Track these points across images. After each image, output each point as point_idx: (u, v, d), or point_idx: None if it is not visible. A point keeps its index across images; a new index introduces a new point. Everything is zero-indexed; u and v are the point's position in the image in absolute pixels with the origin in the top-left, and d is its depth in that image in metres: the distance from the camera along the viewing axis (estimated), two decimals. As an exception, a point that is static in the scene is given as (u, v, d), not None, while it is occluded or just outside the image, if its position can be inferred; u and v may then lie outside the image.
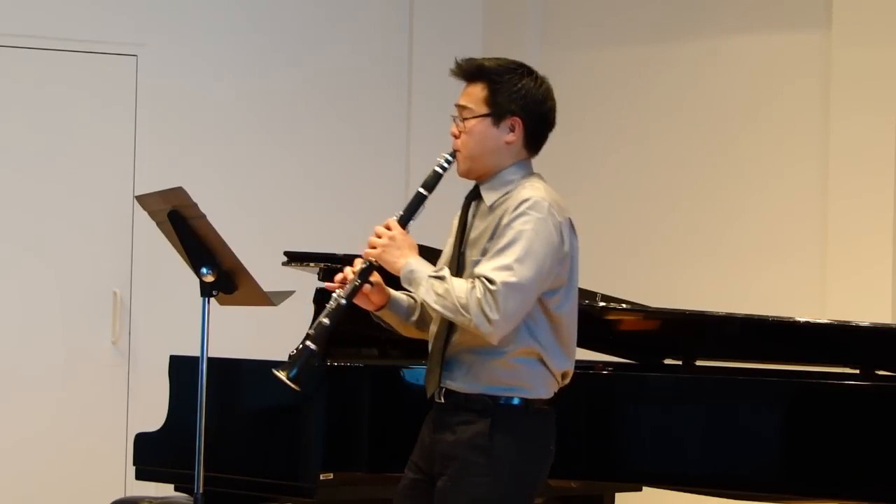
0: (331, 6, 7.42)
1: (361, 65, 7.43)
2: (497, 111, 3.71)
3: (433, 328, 3.76)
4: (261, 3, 7.29)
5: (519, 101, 3.71)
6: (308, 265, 5.01)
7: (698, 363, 5.20)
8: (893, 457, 4.38)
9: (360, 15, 7.46)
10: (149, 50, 7.01)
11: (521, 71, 3.75)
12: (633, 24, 7.16)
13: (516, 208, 3.61)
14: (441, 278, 3.59)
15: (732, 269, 6.72)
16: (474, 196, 3.78)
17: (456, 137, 3.77)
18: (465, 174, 3.77)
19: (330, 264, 4.88)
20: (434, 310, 3.62)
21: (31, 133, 6.83)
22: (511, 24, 7.48)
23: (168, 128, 7.04)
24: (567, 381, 3.75)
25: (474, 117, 3.73)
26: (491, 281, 3.53)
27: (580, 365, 5.24)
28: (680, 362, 5.23)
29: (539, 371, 3.67)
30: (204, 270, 4.40)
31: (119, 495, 6.02)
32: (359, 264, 3.71)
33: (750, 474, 4.55)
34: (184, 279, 4.91)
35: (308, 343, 3.67)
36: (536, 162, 3.82)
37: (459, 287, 3.56)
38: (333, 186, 7.31)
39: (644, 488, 5.13)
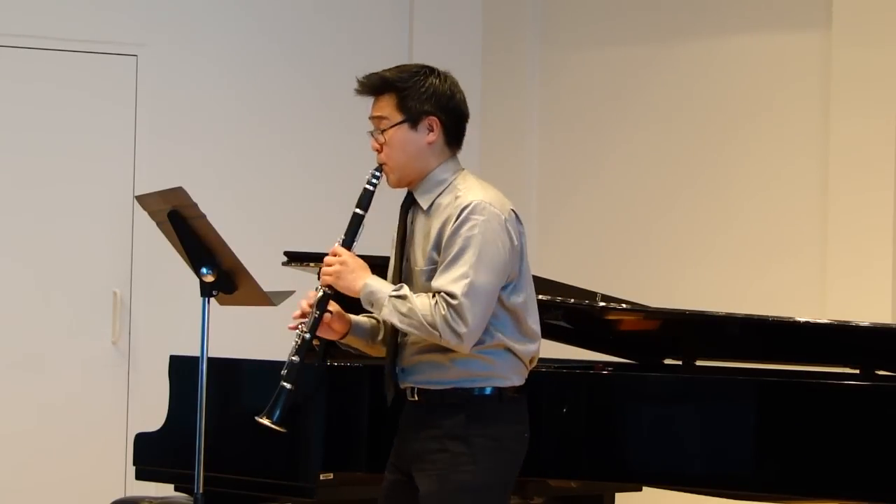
0: (331, 6, 7.42)
1: (361, 65, 7.32)
2: (411, 115, 3.79)
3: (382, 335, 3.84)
4: (261, 4, 7.29)
5: (430, 100, 3.78)
6: (308, 265, 5.01)
7: (698, 363, 5.20)
8: (893, 457, 4.37)
9: (360, 15, 7.46)
10: (149, 50, 7.01)
11: (424, 72, 3.84)
12: (633, 24, 7.16)
13: (458, 216, 3.66)
14: (402, 297, 3.65)
15: (732, 269, 6.72)
16: (410, 202, 3.84)
17: (378, 151, 3.85)
18: (397, 184, 3.85)
19: (330, 264, 4.87)
20: (400, 329, 3.67)
21: (31, 133, 6.83)
22: (511, 24, 7.48)
23: (168, 128, 7.04)
24: (534, 364, 3.82)
25: (392, 126, 3.81)
26: (452, 295, 3.59)
27: (580, 365, 5.28)
28: (680, 362, 5.23)
29: (509, 360, 3.73)
30: (204, 270, 4.39)
31: (119, 495, 6.02)
32: (314, 296, 3.77)
33: (750, 474, 4.54)
34: (184, 279, 4.91)
35: (284, 384, 3.75)
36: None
37: (422, 305, 3.62)
38: (333, 186, 7.29)
39: (644, 488, 5.13)
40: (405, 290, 3.67)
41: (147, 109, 6.98)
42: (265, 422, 3.72)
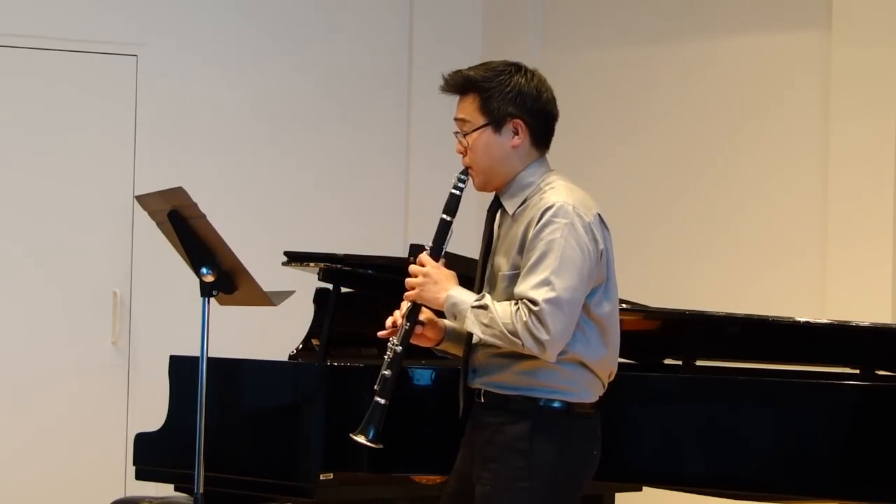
0: (331, 7, 7.42)
1: (361, 65, 7.43)
2: (495, 118, 3.65)
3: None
4: (261, 4, 7.29)
5: (514, 102, 3.64)
6: (308, 265, 5.01)
7: (698, 363, 5.20)
8: (893, 457, 4.38)
9: (360, 15, 7.46)
10: (149, 50, 7.01)
11: (509, 70, 3.69)
12: (633, 24, 7.17)
13: (541, 218, 3.54)
14: (484, 307, 3.53)
15: (732, 269, 6.72)
16: (496, 206, 3.72)
17: (462, 154, 3.70)
18: (483, 188, 3.71)
19: (330, 264, 4.88)
20: (483, 339, 3.55)
21: (32, 133, 6.83)
22: (511, 24, 7.48)
23: (168, 128, 7.04)
24: (612, 378, 3.71)
25: (475, 130, 3.66)
26: (534, 302, 3.46)
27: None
28: (680, 362, 5.23)
29: (581, 374, 3.62)
30: (204, 270, 4.39)
31: (119, 495, 6.02)
32: (405, 307, 3.67)
33: (750, 474, 4.54)
34: (184, 279, 4.92)
35: (377, 399, 3.66)
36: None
37: (504, 313, 3.49)
38: (333, 186, 7.31)
39: (644, 488, 5.13)
40: (487, 299, 3.54)
41: (147, 109, 6.98)
42: (361, 440, 3.65)
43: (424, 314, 3.68)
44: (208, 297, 4.42)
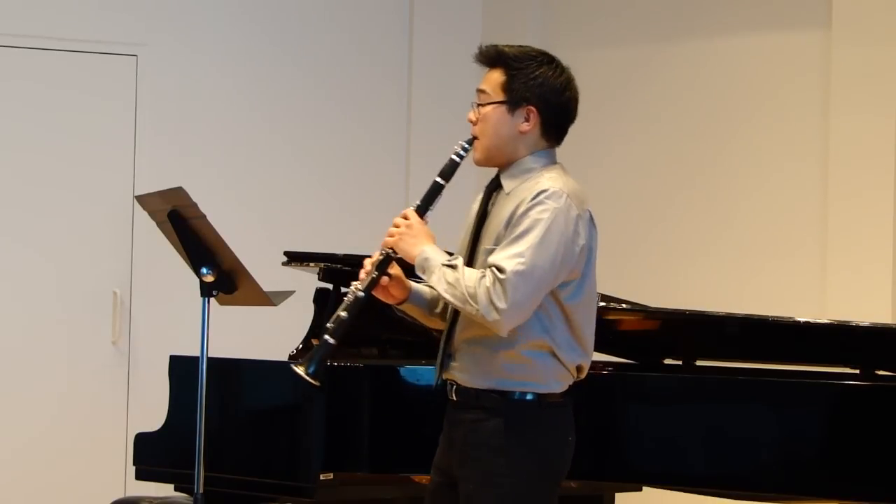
0: (331, 6, 7.42)
1: (361, 64, 7.43)
2: (513, 98, 3.67)
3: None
4: (261, 3, 7.29)
5: (536, 90, 3.66)
6: (308, 265, 5.01)
7: (698, 363, 5.20)
8: (893, 457, 4.38)
9: (360, 15, 7.46)
10: (149, 50, 7.01)
11: (542, 59, 3.70)
12: (633, 24, 7.17)
13: (534, 198, 3.56)
14: (453, 267, 3.56)
15: (732, 268, 6.72)
16: (495, 185, 3.73)
17: (473, 124, 3.72)
18: (481, 162, 3.73)
19: (330, 264, 4.88)
20: (444, 298, 3.58)
21: (32, 133, 6.83)
22: (511, 23, 7.47)
23: (168, 127, 7.04)
24: (583, 374, 3.71)
25: (490, 103, 3.68)
26: (501, 269, 3.49)
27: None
28: (680, 362, 5.23)
29: (551, 364, 3.62)
30: (204, 270, 4.39)
31: (119, 495, 6.02)
32: (377, 256, 3.68)
33: (750, 474, 4.54)
34: (184, 279, 4.91)
35: (326, 337, 3.62)
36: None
37: (470, 276, 3.52)
38: (333, 186, 7.31)
39: (644, 488, 5.13)
40: (458, 261, 3.57)
41: (147, 109, 6.98)
42: (299, 370, 3.59)
43: (394, 269, 3.69)
44: (208, 297, 4.42)
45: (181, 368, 5.00)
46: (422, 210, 3.69)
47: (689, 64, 6.96)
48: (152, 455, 5.05)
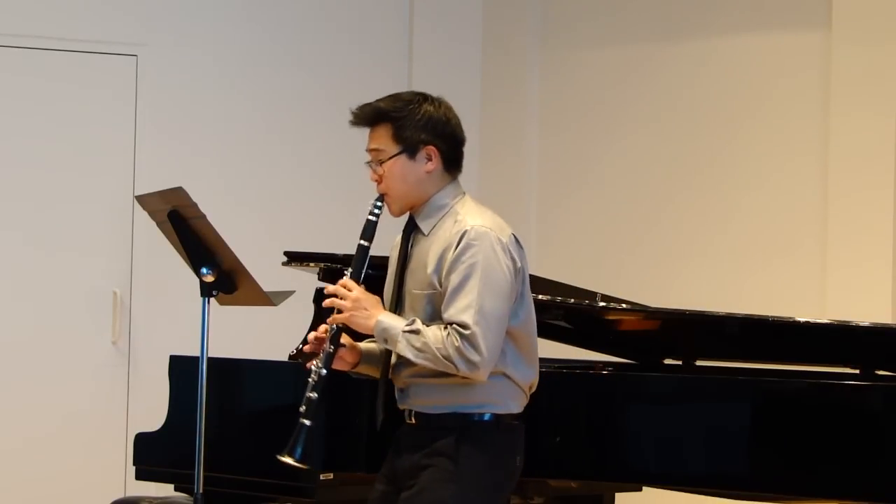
0: (331, 6, 7.42)
1: (361, 64, 7.43)
2: (408, 145, 3.77)
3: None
4: (261, 4, 7.29)
5: (426, 129, 3.76)
6: (308, 265, 5.01)
7: (698, 363, 5.20)
8: (893, 457, 4.37)
9: (360, 15, 7.46)
10: (149, 50, 7.01)
11: (417, 100, 3.80)
12: (633, 24, 7.17)
13: (459, 243, 3.65)
14: (416, 332, 3.63)
15: (732, 268, 6.72)
16: (412, 227, 3.82)
17: (378, 182, 3.84)
18: (399, 213, 3.84)
19: (330, 264, 4.88)
20: (417, 363, 3.64)
21: (32, 133, 6.83)
22: (511, 24, 7.48)
23: (168, 128, 7.04)
24: (533, 390, 3.80)
25: (390, 158, 3.79)
26: (464, 325, 3.58)
27: (580, 365, 5.28)
28: (680, 362, 5.23)
29: (507, 386, 3.71)
30: (204, 270, 4.39)
31: (119, 495, 6.02)
32: (324, 331, 3.75)
33: (750, 474, 4.54)
34: (184, 279, 4.91)
35: (303, 420, 3.72)
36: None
37: (435, 338, 3.60)
38: (334, 186, 7.31)
39: (644, 488, 5.13)
40: (417, 323, 3.64)
41: (147, 109, 6.98)
42: (288, 460, 3.70)
43: (345, 338, 3.77)
44: (208, 297, 4.42)
45: (181, 368, 5.00)
46: (357, 277, 3.76)
47: (689, 64, 6.96)
48: (152, 455, 5.05)
